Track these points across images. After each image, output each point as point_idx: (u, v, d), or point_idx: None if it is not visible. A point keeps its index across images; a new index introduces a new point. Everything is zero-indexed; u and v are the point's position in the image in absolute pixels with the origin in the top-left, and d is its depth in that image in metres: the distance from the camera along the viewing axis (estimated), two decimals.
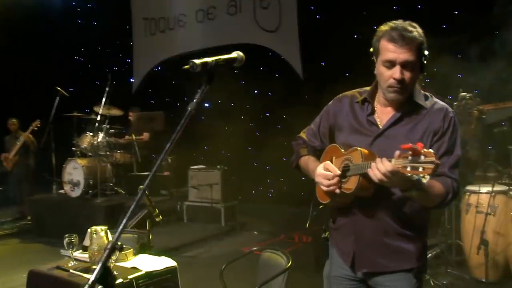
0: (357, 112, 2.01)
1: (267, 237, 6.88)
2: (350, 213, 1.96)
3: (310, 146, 2.19)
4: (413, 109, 1.90)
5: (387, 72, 1.83)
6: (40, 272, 2.70)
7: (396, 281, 1.91)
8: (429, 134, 1.87)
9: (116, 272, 2.53)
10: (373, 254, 1.93)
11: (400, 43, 1.78)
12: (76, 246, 2.78)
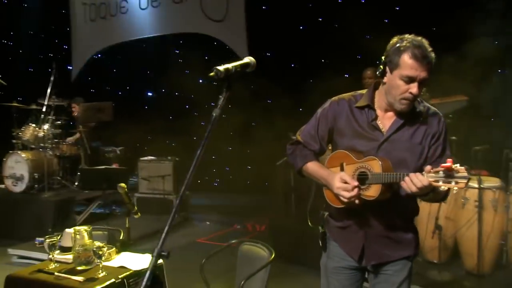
0: (357, 116, 2.10)
1: (220, 227, 6.95)
2: (359, 213, 2.08)
3: (309, 150, 2.22)
4: (413, 115, 2.04)
5: (404, 86, 1.94)
6: (21, 277, 2.59)
7: (396, 267, 2.12)
8: (427, 136, 2.04)
9: (105, 273, 2.51)
10: (379, 247, 2.10)
11: (422, 62, 1.90)
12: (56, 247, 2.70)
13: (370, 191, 1.98)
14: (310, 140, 2.21)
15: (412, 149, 2.04)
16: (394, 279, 2.12)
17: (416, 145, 2.04)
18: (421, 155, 2.04)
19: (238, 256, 3.22)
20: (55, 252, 2.68)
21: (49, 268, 2.62)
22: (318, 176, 2.15)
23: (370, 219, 2.08)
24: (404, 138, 2.04)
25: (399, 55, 1.93)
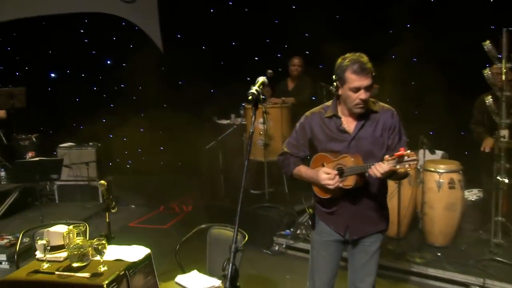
0: (328, 124, 2.63)
1: (146, 210, 7.07)
2: (343, 200, 2.61)
3: (296, 157, 2.74)
4: (370, 115, 2.57)
5: (354, 95, 2.47)
6: (18, 280, 2.64)
7: (372, 239, 2.68)
8: (385, 130, 2.57)
9: (106, 267, 2.69)
10: (360, 225, 2.64)
11: (362, 74, 2.42)
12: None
13: (347, 181, 2.51)
14: (294, 149, 2.75)
15: (375, 142, 2.57)
16: (369, 249, 2.69)
17: (377, 138, 2.59)
18: (383, 145, 2.57)
19: (208, 240, 3.50)
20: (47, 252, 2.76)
21: (45, 268, 2.71)
22: (307, 177, 2.66)
23: (351, 203, 2.61)
24: (367, 134, 2.57)
25: (344, 73, 2.46)
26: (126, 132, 9.46)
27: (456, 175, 4.38)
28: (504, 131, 4.04)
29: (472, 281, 3.93)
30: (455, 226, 4.47)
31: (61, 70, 9.58)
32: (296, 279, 4.36)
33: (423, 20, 6.81)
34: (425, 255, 4.33)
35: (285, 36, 8.53)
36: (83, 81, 9.60)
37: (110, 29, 9.29)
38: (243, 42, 8.88)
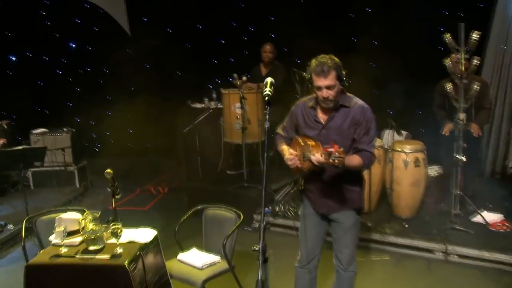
0: (308, 113, 3.02)
1: (123, 193, 7.13)
2: (314, 180, 3.02)
3: (285, 137, 3.19)
4: (341, 109, 2.93)
5: (319, 92, 2.86)
6: (43, 264, 2.85)
7: (345, 216, 3.06)
8: (353, 124, 2.90)
9: (122, 249, 2.94)
10: (327, 202, 3.03)
11: (321, 75, 2.79)
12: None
13: (305, 164, 2.87)
14: (283, 131, 3.22)
15: (342, 133, 2.92)
16: (343, 225, 3.07)
17: (344, 130, 2.94)
18: (349, 137, 2.91)
19: (203, 220, 3.80)
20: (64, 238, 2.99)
21: (64, 253, 2.94)
22: (282, 154, 3.10)
23: (320, 184, 3.01)
24: (336, 126, 2.94)
25: (311, 74, 2.87)
26: (93, 116, 9.49)
27: (421, 154, 4.86)
28: (462, 114, 4.52)
29: (435, 248, 4.45)
30: (419, 200, 4.98)
31: (21, 53, 9.33)
32: (278, 253, 4.70)
33: (384, 5, 7.25)
34: (393, 226, 4.82)
35: (250, 19, 8.77)
36: (46, 64, 9.45)
37: (72, 11, 9.17)
38: (209, 25, 9.04)
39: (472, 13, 6.35)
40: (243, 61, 8.70)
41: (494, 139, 6.43)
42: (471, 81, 4.48)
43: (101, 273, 2.82)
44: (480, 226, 4.74)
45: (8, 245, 5.23)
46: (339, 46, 7.48)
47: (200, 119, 6.22)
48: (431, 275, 4.17)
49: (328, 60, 2.80)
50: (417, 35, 6.93)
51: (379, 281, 4.08)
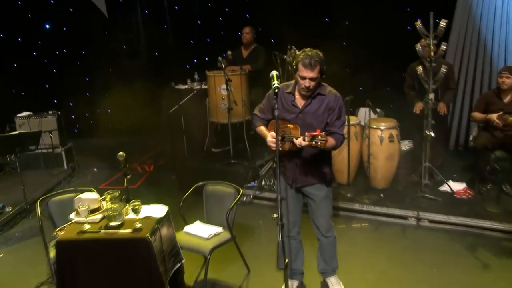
0: (286, 98, 3.32)
1: (109, 172, 7.44)
2: (290, 157, 3.34)
3: (262, 118, 3.50)
4: (317, 96, 3.27)
5: (301, 81, 3.16)
6: (71, 239, 3.15)
7: (317, 189, 3.43)
8: (327, 109, 3.25)
9: (140, 224, 3.29)
10: (303, 176, 3.38)
11: (308, 68, 3.10)
12: None
13: (285, 145, 3.28)
14: (261, 113, 3.52)
15: (317, 118, 3.26)
16: (316, 197, 3.46)
17: (319, 115, 3.28)
18: (323, 121, 3.26)
19: (204, 195, 4.16)
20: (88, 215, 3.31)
21: (88, 229, 3.26)
22: (261, 135, 3.44)
23: (296, 162, 3.36)
24: (312, 111, 3.28)
25: (298, 63, 3.14)
26: (72, 97, 9.58)
27: (394, 130, 5.36)
28: (431, 94, 5.01)
29: (409, 214, 4.98)
30: (393, 172, 5.50)
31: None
32: (267, 222, 5.19)
33: None
34: (371, 196, 5.33)
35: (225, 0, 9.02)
36: (20, 46, 9.42)
37: None
38: (185, 5, 9.22)
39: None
40: (219, 41, 9.00)
41: (457, 114, 7.04)
42: (439, 65, 4.97)
43: (125, 246, 3.16)
44: (446, 194, 5.31)
45: (9, 226, 5.45)
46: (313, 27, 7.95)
47: (185, 100, 6.47)
48: (405, 238, 4.69)
49: (315, 54, 3.11)
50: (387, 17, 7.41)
51: (360, 246, 4.58)
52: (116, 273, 3.17)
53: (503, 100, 5.09)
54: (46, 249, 3.90)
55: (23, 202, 5.70)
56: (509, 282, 3.80)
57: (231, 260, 4.22)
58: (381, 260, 4.26)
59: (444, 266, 4.08)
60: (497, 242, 4.48)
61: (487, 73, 6.70)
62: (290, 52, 5.85)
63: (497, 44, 6.64)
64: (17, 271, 4.46)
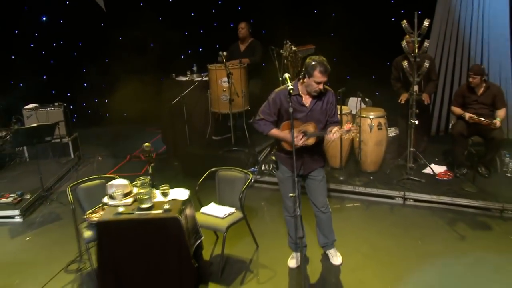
0: (292, 100, 3.52)
1: (114, 160, 7.86)
2: (298, 150, 3.65)
3: (271, 122, 3.84)
4: (320, 95, 3.75)
5: (316, 85, 3.63)
6: (110, 220, 3.63)
7: (317, 172, 3.97)
8: (327, 104, 3.78)
9: (169, 205, 3.78)
10: (309, 164, 3.90)
11: (324, 74, 3.60)
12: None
13: (309, 140, 3.76)
14: (268, 116, 3.84)
15: (322, 113, 3.79)
16: (316, 178, 3.99)
17: (324, 110, 3.79)
18: (326, 114, 3.81)
19: (216, 180, 4.65)
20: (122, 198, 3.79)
21: (123, 211, 3.74)
22: (280, 136, 3.85)
23: (304, 152, 3.80)
24: (318, 108, 3.78)
25: (313, 70, 3.58)
26: (69, 88, 9.91)
27: (382, 119, 5.92)
28: (416, 86, 5.58)
29: (396, 194, 5.57)
30: (382, 157, 6.08)
31: None
32: (269, 204, 5.73)
33: None
34: (361, 179, 5.90)
35: None
36: (17, 38, 9.67)
37: None
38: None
39: None
40: (213, 32, 9.43)
41: (439, 103, 7.66)
42: (423, 59, 5.52)
43: (157, 225, 3.65)
44: (429, 176, 5.92)
45: (29, 212, 5.87)
46: (302, 19, 8.45)
47: (187, 92, 6.89)
48: (393, 216, 5.28)
49: (326, 62, 3.62)
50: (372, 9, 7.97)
51: (353, 223, 5.15)
52: (150, 249, 3.67)
53: (476, 93, 5.68)
54: (77, 230, 4.36)
55: (39, 189, 6.12)
56: (482, 249, 4.42)
57: (240, 237, 4.75)
58: (372, 235, 4.83)
59: (428, 238, 4.68)
60: (473, 217, 5.10)
61: (466, 65, 7.33)
62: (286, 46, 6.33)
63: (474, 38, 7.26)
64: (47, 251, 4.90)
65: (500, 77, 7.16)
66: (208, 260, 4.47)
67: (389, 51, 6.47)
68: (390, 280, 4.01)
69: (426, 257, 4.34)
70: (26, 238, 5.25)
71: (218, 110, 6.79)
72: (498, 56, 7.17)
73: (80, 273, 4.41)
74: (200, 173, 4.63)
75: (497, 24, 7.11)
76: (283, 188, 4.12)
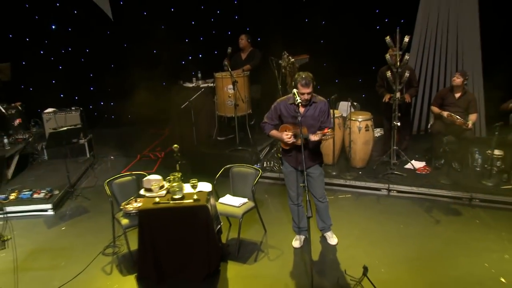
0: (289, 108, 4.54)
1: (125, 159, 8.56)
2: (295, 149, 4.57)
3: (272, 124, 4.71)
4: (312, 104, 4.52)
5: (302, 96, 4.37)
6: (150, 208, 4.40)
7: (315, 168, 4.71)
8: (320, 112, 4.50)
9: (196, 196, 4.58)
10: (307, 161, 4.47)
11: (305, 86, 4.36)
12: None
13: (298, 140, 4.56)
14: (270, 120, 4.74)
15: (314, 119, 4.52)
16: (314, 175, 4.73)
17: (315, 117, 4.54)
18: (318, 120, 4.52)
19: (230, 175, 5.46)
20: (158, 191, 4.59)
21: (159, 200, 4.54)
22: (277, 136, 4.70)
23: (299, 151, 4.35)
24: (310, 115, 4.52)
25: (297, 83, 4.40)
26: (76, 91, 10.56)
27: (369, 121, 6.79)
28: (398, 93, 6.46)
29: (381, 187, 6.45)
30: (369, 154, 6.96)
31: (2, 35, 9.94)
32: (271, 196, 6.55)
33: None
34: (351, 173, 6.77)
35: (217, 3, 10.19)
36: (28, 45, 10.28)
37: None
38: (180, 8, 10.32)
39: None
40: (212, 40, 10.21)
41: (419, 105, 8.61)
42: (404, 70, 6.41)
43: (189, 212, 4.43)
44: (410, 170, 6.82)
45: (59, 206, 6.60)
46: (294, 27, 9.30)
47: (194, 97, 7.66)
48: (379, 205, 6.15)
49: (308, 76, 4.39)
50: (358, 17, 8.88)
51: (346, 211, 6.00)
52: (183, 231, 4.47)
53: (455, 96, 6.59)
54: (113, 218, 5.12)
55: (65, 186, 6.85)
56: (453, 231, 5.33)
57: (250, 224, 5.56)
58: (362, 220, 5.70)
59: (408, 223, 5.57)
60: (446, 205, 6.02)
61: (443, 73, 8.30)
62: (284, 57, 7.17)
63: (450, 49, 8.21)
64: (82, 238, 5.65)
65: (473, 85, 8.12)
66: (225, 243, 5.27)
67: (374, 57, 7.26)
68: (378, 256, 4.88)
69: (407, 238, 5.23)
70: (61, 228, 5.98)
71: (224, 114, 7.59)
72: (471, 66, 8.11)
73: (116, 255, 5.16)
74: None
75: (470, 36, 8.06)
76: (287, 180, 4.97)
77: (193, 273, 4.52)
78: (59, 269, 4.97)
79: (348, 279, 4.44)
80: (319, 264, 4.82)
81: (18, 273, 4.78)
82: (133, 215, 4.83)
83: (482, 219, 5.58)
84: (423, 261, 4.75)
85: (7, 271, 4.88)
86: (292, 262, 4.88)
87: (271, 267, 4.80)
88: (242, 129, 7.71)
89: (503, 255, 4.74)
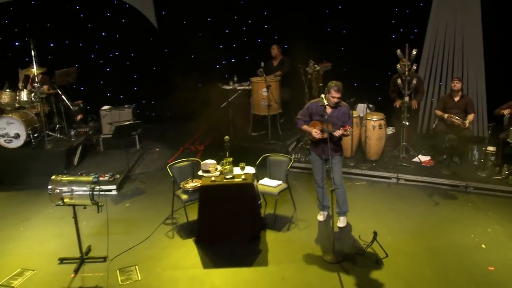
0: (319, 108, 5.54)
1: (169, 151, 9.75)
2: (321, 141, 5.61)
3: (304, 120, 5.78)
4: (338, 107, 5.65)
5: (332, 99, 5.51)
6: (209, 185, 5.63)
7: (336, 158, 5.74)
8: (343, 114, 5.59)
9: (244, 176, 5.83)
10: (331, 151, 5.35)
11: (338, 92, 5.49)
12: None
13: (324, 134, 5.74)
14: (302, 117, 5.82)
15: (338, 119, 5.56)
16: (336, 162, 5.75)
17: (339, 117, 5.62)
18: (341, 120, 5.55)
19: (268, 162, 6.67)
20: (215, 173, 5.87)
21: (215, 179, 5.80)
22: (307, 130, 5.80)
23: (326, 143, 5.39)
24: (334, 115, 5.61)
25: (330, 88, 5.50)
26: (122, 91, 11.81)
27: (383, 121, 7.98)
28: (406, 97, 7.65)
29: (392, 176, 7.62)
30: (382, 149, 8.15)
31: (60, 41, 11.26)
32: (299, 183, 7.78)
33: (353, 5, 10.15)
34: (366, 165, 7.96)
35: (248, 13, 11.35)
36: (81, 49, 11.60)
37: (102, 6, 11.30)
38: (216, 17, 11.50)
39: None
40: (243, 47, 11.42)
41: (428, 109, 9.80)
42: (412, 78, 7.59)
43: (239, 189, 5.65)
44: (417, 163, 7.98)
45: (120, 187, 7.89)
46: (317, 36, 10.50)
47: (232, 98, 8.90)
48: (390, 190, 7.34)
49: (340, 84, 5.50)
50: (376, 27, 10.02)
51: (361, 194, 7.19)
52: (233, 204, 5.71)
53: (454, 100, 7.76)
54: (174, 195, 6.37)
55: (124, 171, 8.14)
56: (449, 211, 6.50)
57: (282, 203, 6.78)
58: (375, 203, 6.90)
59: (413, 204, 6.76)
60: (445, 191, 7.19)
61: (450, 80, 9.42)
62: (310, 65, 8.40)
63: (457, 57, 9.36)
64: (144, 212, 6.91)
65: (477, 91, 9.26)
66: (263, 216, 6.52)
67: (390, 62, 8.28)
68: (386, 227, 6.07)
69: (410, 215, 6.42)
70: (125, 204, 7.25)
71: (258, 113, 8.85)
72: (474, 73, 9.25)
73: (175, 225, 6.42)
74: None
75: (474, 44, 9.19)
76: (313, 167, 6.18)
77: (241, 237, 5.75)
78: (131, 234, 6.23)
79: (361, 243, 5.65)
80: (338, 233, 6.03)
81: (101, 236, 6.06)
82: (190, 192, 6.06)
83: (474, 203, 6.74)
84: (422, 232, 5.94)
85: (91, 234, 6.18)
86: (317, 231, 6.10)
87: (301, 234, 6.02)
88: (273, 126, 8.91)
89: (486, 229, 5.92)
